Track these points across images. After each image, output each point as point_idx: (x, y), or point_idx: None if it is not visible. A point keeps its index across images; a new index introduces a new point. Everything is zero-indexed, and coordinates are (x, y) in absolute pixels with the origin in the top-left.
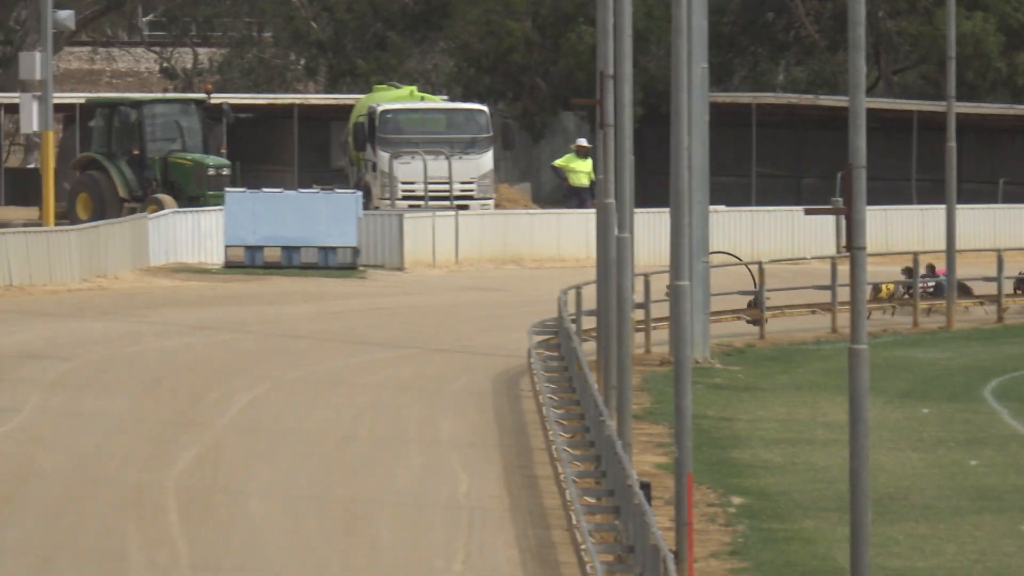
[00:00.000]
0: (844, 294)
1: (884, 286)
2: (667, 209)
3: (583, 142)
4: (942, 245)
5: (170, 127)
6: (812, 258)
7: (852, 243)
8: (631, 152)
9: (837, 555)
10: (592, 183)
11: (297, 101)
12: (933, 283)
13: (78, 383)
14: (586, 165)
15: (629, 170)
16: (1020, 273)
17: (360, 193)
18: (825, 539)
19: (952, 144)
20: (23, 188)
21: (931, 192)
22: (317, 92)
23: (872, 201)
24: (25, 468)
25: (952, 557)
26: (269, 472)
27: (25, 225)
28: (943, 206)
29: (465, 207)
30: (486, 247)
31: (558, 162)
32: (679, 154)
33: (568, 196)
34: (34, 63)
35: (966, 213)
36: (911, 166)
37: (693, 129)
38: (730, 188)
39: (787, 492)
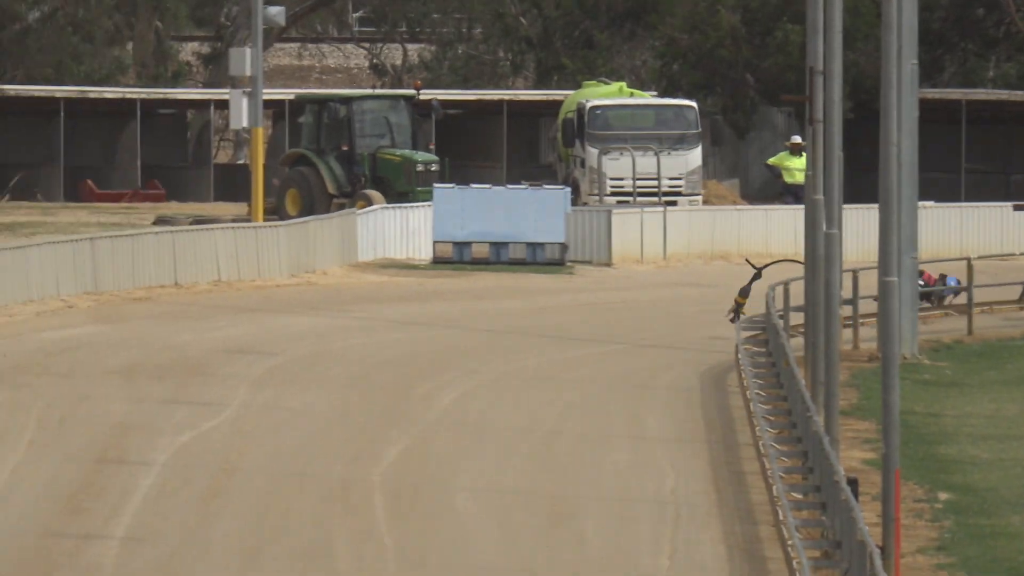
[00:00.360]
0: None
1: None
2: (876, 205)
3: (797, 139)
4: None
5: (379, 123)
6: (1021, 254)
7: None
8: (840, 148)
9: None
10: None
11: (506, 97)
12: None
13: (285, 378)
14: (800, 162)
15: (838, 166)
16: None
17: (568, 189)
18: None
19: None
20: (232, 184)
21: None
22: (525, 88)
23: None
24: (233, 462)
25: None
26: (476, 467)
27: (234, 221)
28: None
29: (673, 203)
30: (694, 243)
31: (772, 160)
32: (888, 150)
33: (784, 193)
34: (244, 59)
35: None
36: None
37: (902, 125)
38: (939, 184)
39: (994, 488)
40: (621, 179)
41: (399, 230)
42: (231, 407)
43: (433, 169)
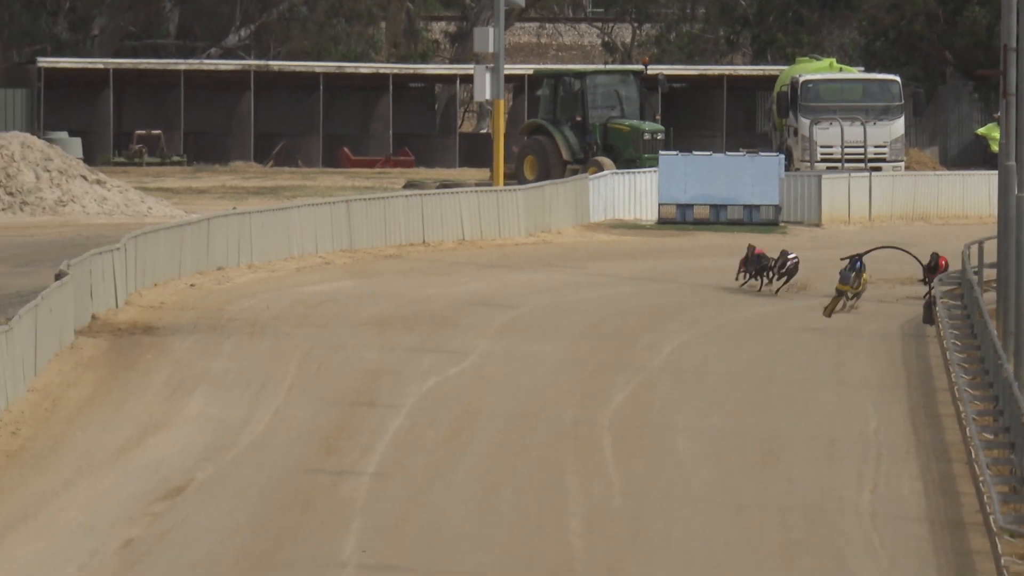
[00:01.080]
0: None
1: None
2: None
3: None
4: None
5: (610, 96)
6: None
7: None
8: None
9: None
10: None
11: (726, 72)
12: None
13: (522, 328)
14: None
15: None
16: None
17: (782, 156)
18: None
19: None
20: (476, 151)
21: None
22: (743, 64)
23: None
24: (475, 406)
25: None
26: (695, 410)
27: (477, 185)
28: None
29: (878, 169)
30: (896, 205)
31: (981, 130)
32: None
33: (990, 161)
34: (487, 37)
35: None
36: None
37: None
38: None
39: None
40: (830, 147)
41: (627, 193)
42: (473, 355)
43: (659, 138)
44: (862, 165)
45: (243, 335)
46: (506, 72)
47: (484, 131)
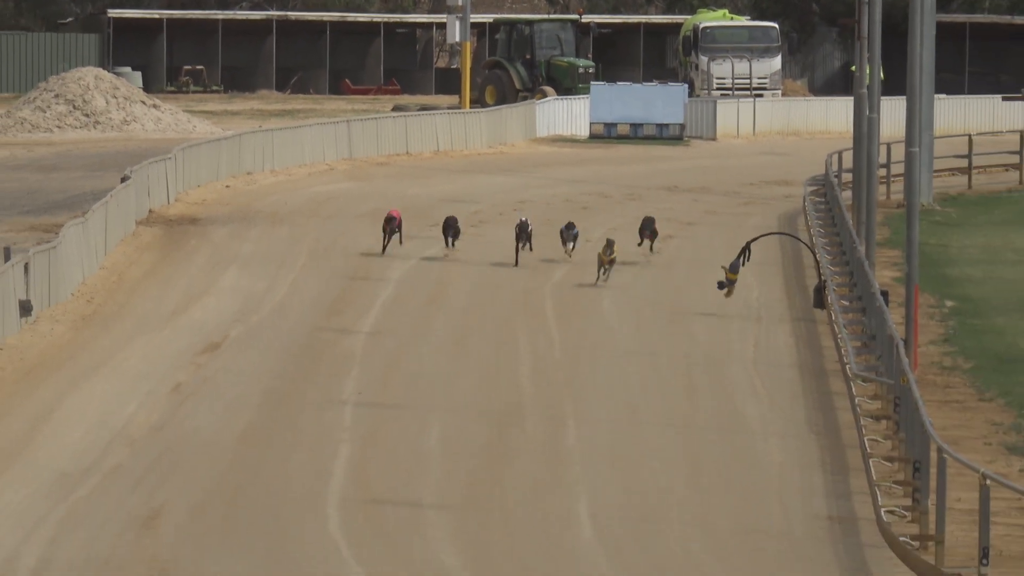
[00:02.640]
0: None
1: None
2: (904, 97)
3: None
4: None
5: (552, 39)
6: (1007, 131)
7: None
8: (880, 59)
9: (1020, 343)
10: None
11: (643, 20)
12: None
13: (486, 219)
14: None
15: (877, 69)
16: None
17: (686, 85)
18: (1012, 331)
19: None
20: (448, 82)
21: None
22: (657, 14)
23: None
24: (446, 279)
25: None
26: (621, 280)
27: (448, 108)
28: None
29: (760, 95)
30: (774, 123)
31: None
32: (913, 59)
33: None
34: None
35: None
36: None
37: (924, 41)
38: (948, 82)
39: (985, 298)
40: (723, 78)
41: (565, 115)
42: (449, 243)
43: (590, 71)
44: (748, 92)
45: (266, 225)
46: (472, 20)
47: (455, 66)
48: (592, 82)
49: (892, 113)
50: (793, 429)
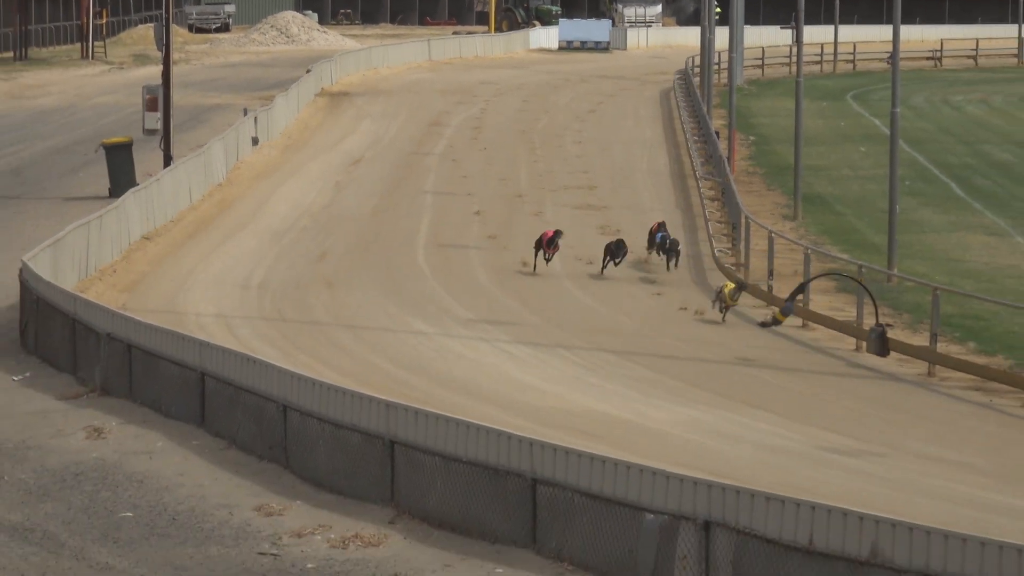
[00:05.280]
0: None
1: None
2: (727, 26)
3: None
4: None
5: None
6: (783, 45)
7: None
8: (714, 3)
9: (788, 159)
10: None
11: None
12: None
13: (502, 92)
14: None
15: (713, 9)
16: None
17: (610, 21)
18: (784, 153)
19: None
20: (482, 18)
21: None
22: None
23: None
24: (482, 124)
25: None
26: (574, 128)
27: (483, 32)
28: None
29: (650, 26)
30: (658, 41)
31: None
32: (734, 4)
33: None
34: None
35: None
36: None
37: None
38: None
39: (770, 135)
40: (630, 17)
41: (546, 37)
42: (481, 104)
43: (558, 13)
44: (643, 24)
45: (385, 96)
46: None
47: (486, 10)
48: (561, 19)
49: (721, 34)
50: (668, 207)
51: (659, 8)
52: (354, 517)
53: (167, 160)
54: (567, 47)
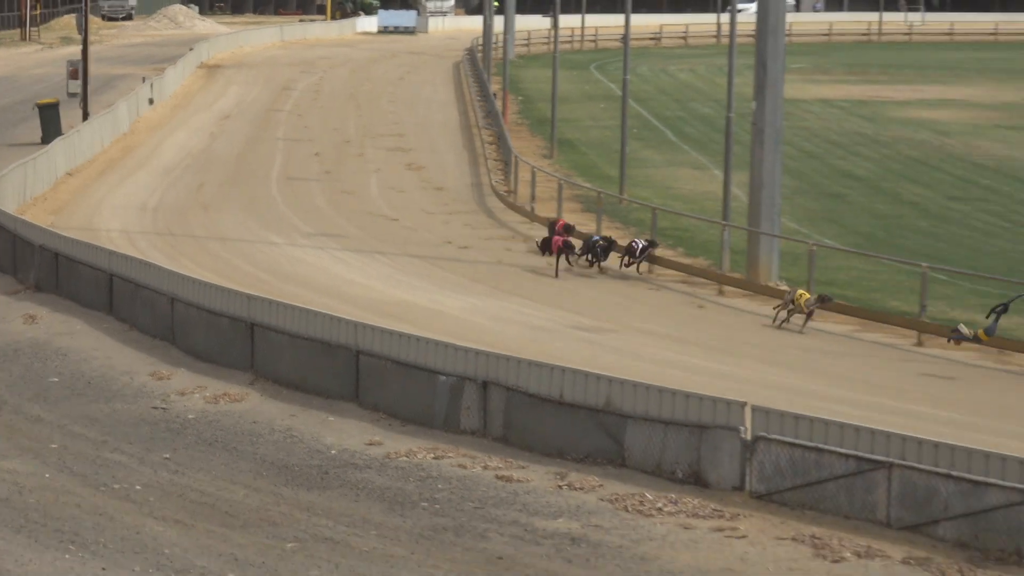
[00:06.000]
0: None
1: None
2: (503, 16)
3: None
4: None
5: None
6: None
7: None
8: None
9: (546, 113)
10: None
11: None
12: None
13: (335, 64)
14: None
15: (492, 1)
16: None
17: (416, 11)
18: (543, 109)
19: None
20: (322, 9)
21: None
22: None
23: None
24: (320, 88)
25: None
26: (389, 93)
27: (322, 20)
28: None
29: (445, 14)
30: (452, 26)
31: None
32: None
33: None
34: None
35: None
36: None
37: None
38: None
39: (534, 95)
40: (430, 8)
41: (369, 23)
42: (320, 73)
43: (377, 5)
44: (440, 14)
45: (248, 68)
46: None
47: (322, 3)
48: (380, 10)
49: (498, 21)
50: (458, 148)
51: (452, 2)
52: (224, 380)
53: (85, 115)
54: (384, 31)
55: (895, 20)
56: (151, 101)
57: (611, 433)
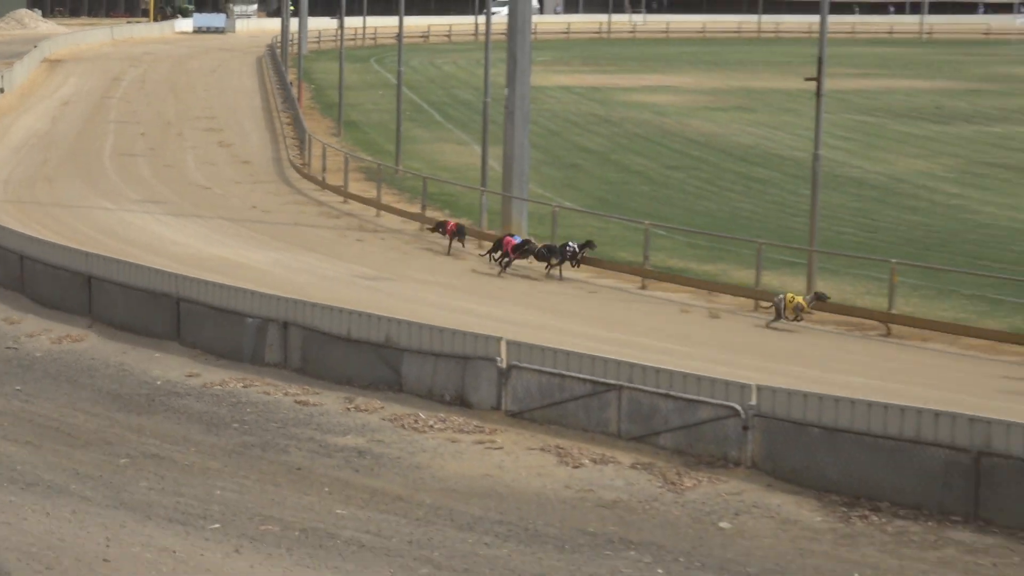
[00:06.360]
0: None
1: None
2: (296, 17)
3: None
4: None
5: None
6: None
7: None
8: (290, 4)
9: (334, 99)
10: None
11: None
12: None
13: (155, 61)
14: None
15: (289, 8)
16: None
17: (225, 14)
18: (332, 96)
19: None
20: (147, 12)
21: None
22: None
23: None
24: (146, 78)
25: None
26: (200, 89)
27: (146, 20)
28: None
29: (249, 16)
30: (256, 27)
31: None
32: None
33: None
34: None
35: None
36: None
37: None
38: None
39: (326, 83)
40: (236, 11)
41: (186, 23)
42: (145, 66)
43: (192, 8)
44: (246, 16)
45: (84, 62)
46: None
47: (146, 8)
48: (195, 13)
49: (294, 22)
50: (261, 129)
51: (256, 5)
52: (66, 324)
53: None
54: (199, 31)
55: (622, 20)
56: (2, 90)
57: (391, 364)
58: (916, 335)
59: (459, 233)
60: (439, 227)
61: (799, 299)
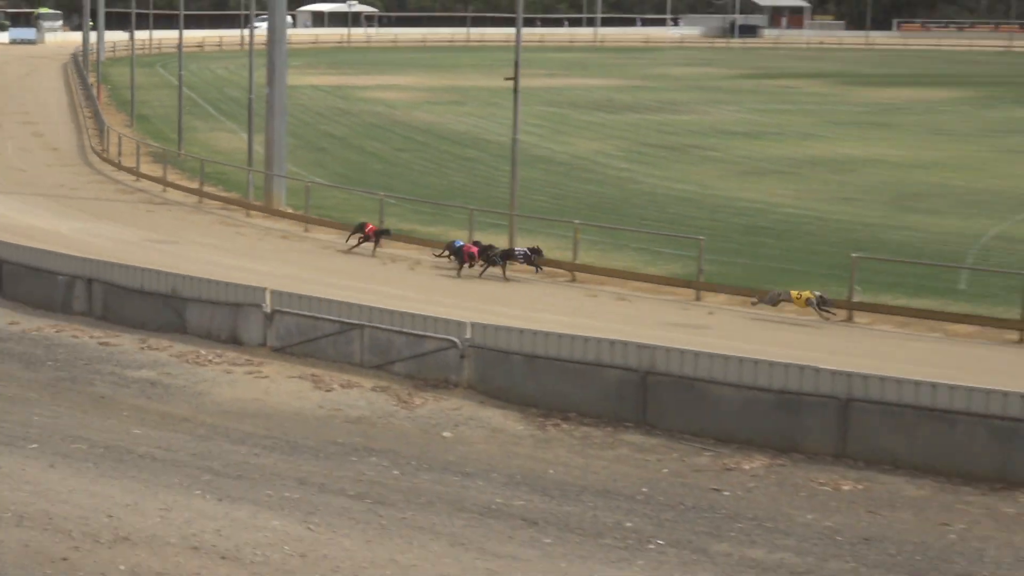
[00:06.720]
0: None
1: None
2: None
3: None
4: None
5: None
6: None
7: None
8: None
9: (126, 96)
10: None
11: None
12: None
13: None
14: None
15: (98, 22)
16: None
17: (35, 28)
18: (125, 95)
19: None
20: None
21: None
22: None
23: None
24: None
25: None
26: (1, 82)
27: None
28: None
29: (55, 31)
30: (64, 38)
31: None
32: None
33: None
34: None
35: None
36: None
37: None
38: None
39: (120, 85)
40: (47, 26)
41: (3, 36)
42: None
43: (9, 24)
44: (54, 30)
45: None
46: None
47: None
48: (10, 28)
49: (93, 35)
50: (67, 121)
51: (61, 21)
52: None
53: None
54: (14, 42)
55: (359, 33)
56: None
57: (177, 311)
58: (595, 280)
59: (380, 235)
60: (359, 229)
61: (807, 293)
